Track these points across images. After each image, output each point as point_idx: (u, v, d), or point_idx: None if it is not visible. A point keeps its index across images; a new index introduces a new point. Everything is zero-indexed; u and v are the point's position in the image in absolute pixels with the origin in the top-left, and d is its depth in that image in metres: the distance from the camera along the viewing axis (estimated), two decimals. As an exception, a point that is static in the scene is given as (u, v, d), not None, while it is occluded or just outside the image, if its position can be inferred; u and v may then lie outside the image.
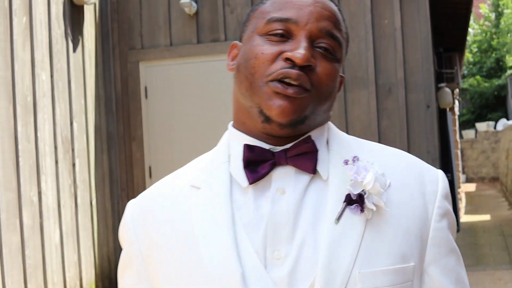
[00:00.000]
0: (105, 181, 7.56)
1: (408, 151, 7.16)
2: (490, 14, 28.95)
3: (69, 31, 6.95)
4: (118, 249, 7.65)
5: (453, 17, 10.52)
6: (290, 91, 1.27)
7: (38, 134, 6.25)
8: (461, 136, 22.71)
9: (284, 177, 1.31)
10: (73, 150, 6.89)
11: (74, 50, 7.05)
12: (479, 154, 23.78)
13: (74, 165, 6.88)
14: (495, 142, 23.14)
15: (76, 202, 6.88)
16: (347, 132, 6.83)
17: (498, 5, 28.65)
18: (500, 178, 20.93)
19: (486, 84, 27.22)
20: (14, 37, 5.97)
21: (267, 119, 1.30)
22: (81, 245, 6.91)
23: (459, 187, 15.89)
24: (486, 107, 27.78)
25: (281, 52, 1.30)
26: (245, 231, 1.29)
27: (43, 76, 6.39)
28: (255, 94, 1.31)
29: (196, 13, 7.70)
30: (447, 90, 11.48)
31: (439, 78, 11.57)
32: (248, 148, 1.33)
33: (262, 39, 1.33)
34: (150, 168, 7.88)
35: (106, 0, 7.88)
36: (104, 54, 7.78)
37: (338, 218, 1.27)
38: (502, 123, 23.10)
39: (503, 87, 26.88)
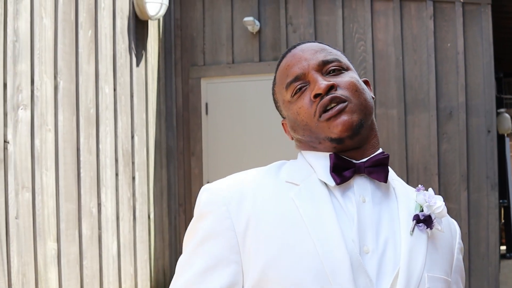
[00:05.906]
0: (163, 195, 7.63)
1: (468, 176, 7.14)
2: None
3: (133, 46, 7.06)
4: (173, 263, 7.70)
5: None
6: (336, 109, 1.58)
7: (100, 147, 6.35)
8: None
9: (364, 187, 1.60)
10: (133, 163, 6.98)
11: (138, 64, 7.16)
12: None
13: (133, 178, 6.97)
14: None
15: (134, 215, 6.95)
16: (407, 154, 6.74)
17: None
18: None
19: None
20: (79, 50, 6.08)
21: (339, 141, 1.59)
22: (138, 257, 6.97)
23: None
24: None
25: (310, 98, 1.62)
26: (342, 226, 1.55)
27: (106, 89, 6.50)
28: (318, 132, 1.61)
29: (259, 31, 7.76)
30: (507, 115, 11.30)
31: (499, 103, 11.41)
32: (335, 156, 1.60)
33: (293, 100, 1.66)
34: (208, 183, 7.91)
35: (170, 16, 7.98)
36: (167, 70, 7.87)
37: (412, 231, 1.56)
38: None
39: None
